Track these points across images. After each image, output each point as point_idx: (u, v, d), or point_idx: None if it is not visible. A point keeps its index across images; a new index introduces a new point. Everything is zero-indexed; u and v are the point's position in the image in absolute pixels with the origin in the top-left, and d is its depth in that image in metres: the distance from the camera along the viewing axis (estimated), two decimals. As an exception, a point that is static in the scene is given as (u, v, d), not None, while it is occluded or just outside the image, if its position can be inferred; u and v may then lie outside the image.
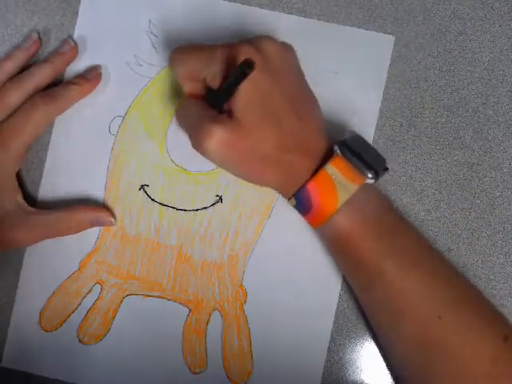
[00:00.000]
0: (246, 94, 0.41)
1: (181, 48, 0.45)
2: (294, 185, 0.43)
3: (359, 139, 0.45)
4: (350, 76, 0.50)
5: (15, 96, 0.47)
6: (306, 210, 0.43)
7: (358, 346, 0.49)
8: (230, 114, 0.42)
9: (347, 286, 0.49)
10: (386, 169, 0.45)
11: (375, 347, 0.49)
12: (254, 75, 0.40)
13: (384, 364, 0.48)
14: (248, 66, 0.38)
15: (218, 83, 0.43)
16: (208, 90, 0.45)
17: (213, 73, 0.43)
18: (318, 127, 0.44)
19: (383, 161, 0.44)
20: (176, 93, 0.50)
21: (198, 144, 0.42)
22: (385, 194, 0.47)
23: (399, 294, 0.43)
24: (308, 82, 0.45)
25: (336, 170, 0.42)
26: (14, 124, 0.46)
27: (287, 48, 0.44)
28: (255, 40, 0.43)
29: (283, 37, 0.45)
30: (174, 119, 0.49)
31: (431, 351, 0.42)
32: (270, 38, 0.43)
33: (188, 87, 0.45)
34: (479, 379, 0.42)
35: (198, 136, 0.41)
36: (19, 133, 0.46)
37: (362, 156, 0.43)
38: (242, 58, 0.40)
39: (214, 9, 0.50)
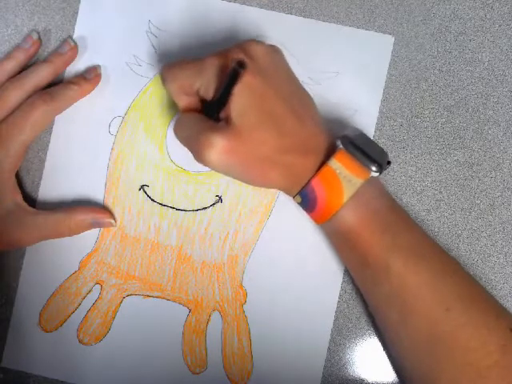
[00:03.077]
0: (240, 98, 0.41)
1: (170, 64, 0.44)
2: (298, 183, 0.43)
3: (361, 134, 0.45)
4: (349, 76, 0.50)
5: (14, 95, 0.47)
6: (311, 207, 0.43)
7: (358, 346, 0.49)
8: (227, 121, 0.42)
9: (347, 286, 0.49)
10: (389, 162, 0.45)
11: (375, 347, 0.49)
12: (246, 79, 0.40)
13: (384, 364, 0.49)
14: (240, 65, 0.38)
15: (211, 93, 0.43)
16: (204, 102, 0.45)
17: (205, 83, 0.43)
18: (317, 124, 0.44)
19: (385, 155, 0.44)
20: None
21: (199, 156, 0.42)
22: (388, 191, 0.47)
23: (406, 288, 0.43)
24: (308, 82, 0.45)
25: (340, 164, 0.42)
26: (13, 123, 0.46)
27: (275, 50, 0.44)
28: (242, 45, 0.43)
29: (283, 37, 0.45)
30: (173, 133, 0.49)
31: (440, 345, 0.42)
32: (256, 42, 0.43)
33: (182, 102, 0.45)
34: (489, 369, 0.42)
35: (199, 148, 0.41)
36: (18, 132, 0.46)
37: (364, 150, 0.43)
38: (232, 63, 0.40)
39: (213, 9, 0.50)
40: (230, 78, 0.40)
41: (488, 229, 0.49)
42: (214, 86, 0.42)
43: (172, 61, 0.45)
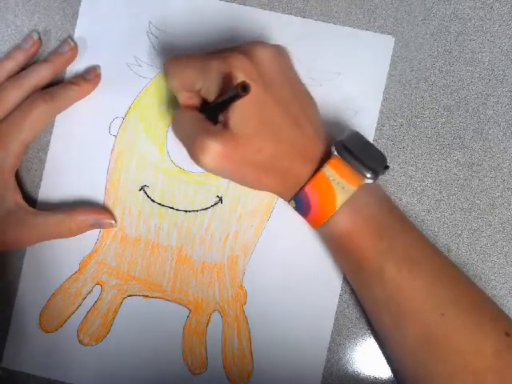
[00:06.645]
0: (241, 106, 0.41)
1: (175, 59, 0.44)
2: (293, 188, 0.43)
3: (358, 138, 0.44)
4: (350, 77, 0.50)
5: (14, 95, 0.47)
6: (305, 212, 0.44)
7: (358, 346, 0.49)
8: (224, 125, 0.42)
9: (347, 286, 0.49)
10: (387, 167, 0.44)
11: (375, 347, 0.49)
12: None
13: (384, 364, 0.49)
14: (243, 89, 0.37)
15: (212, 97, 0.43)
16: (203, 100, 0.45)
17: (207, 86, 0.43)
18: (316, 131, 0.44)
19: (384, 159, 0.44)
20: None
21: (194, 157, 0.42)
22: (386, 193, 0.47)
23: (400, 292, 0.43)
24: (308, 82, 0.45)
25: (333, 171, 0.42)
26: (13, 122, 0.46)
27: (281, 52, 0.44)
28: (248, 48, 0.42)
29: (283, 38, 0.45)
30: (170, 129, 0.49)
31: (434, 349, 0.42)
32: (262, 45, 0.43)
33: (183, 98, 0.45)
34: (482, 373, 0.42)
35: (194, 150, 0.41)
36: (18, 131, 0.46)
37: (359, 156, 0.43)
38: (236, 73, 0.40)
39: (213, 10, 0.50)
40: (232, 95, 0.39)
41: (488, 229, 0.49)
42: (215, 90, 0.42)
43: (176, 55, 0.45)
